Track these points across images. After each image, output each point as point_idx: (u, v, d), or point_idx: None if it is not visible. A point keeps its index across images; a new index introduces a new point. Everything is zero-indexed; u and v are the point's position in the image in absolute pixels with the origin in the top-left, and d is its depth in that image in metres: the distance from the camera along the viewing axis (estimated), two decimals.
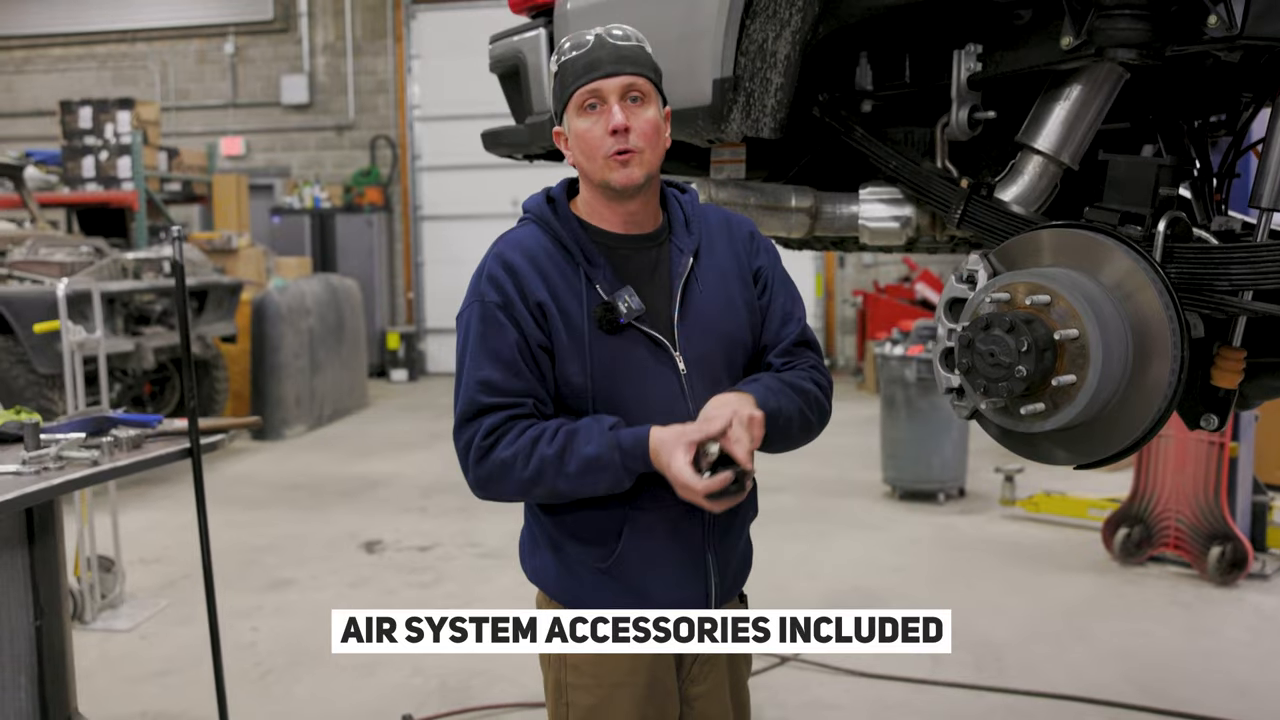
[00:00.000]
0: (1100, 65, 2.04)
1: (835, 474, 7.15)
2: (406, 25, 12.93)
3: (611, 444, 1.70)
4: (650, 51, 1.81)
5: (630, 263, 1.83)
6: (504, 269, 1.78)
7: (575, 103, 1.76)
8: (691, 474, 1.64)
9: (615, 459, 1.69)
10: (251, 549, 5.67)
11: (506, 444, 1.73)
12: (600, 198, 1.81)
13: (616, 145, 1.73)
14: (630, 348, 1.78)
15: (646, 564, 1.83)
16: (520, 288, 1.76)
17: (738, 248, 1.91)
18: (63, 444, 2.70)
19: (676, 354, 1.81)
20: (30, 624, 2.82)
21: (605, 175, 1.76)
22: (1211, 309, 1.88)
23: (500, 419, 1.74)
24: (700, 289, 1.85)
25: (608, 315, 1.76)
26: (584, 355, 1.76)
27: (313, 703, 3.83)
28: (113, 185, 9.24)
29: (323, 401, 9.39)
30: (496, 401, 1.74)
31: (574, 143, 1.78)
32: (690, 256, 1.85)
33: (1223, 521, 4.84)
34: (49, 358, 6.27)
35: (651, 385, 1.79)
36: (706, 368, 1.83)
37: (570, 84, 1.76)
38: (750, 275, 1.91)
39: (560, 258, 1.80)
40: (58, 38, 13.80)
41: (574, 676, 1.87)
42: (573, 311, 1.77)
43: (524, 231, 1.84)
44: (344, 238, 12.62)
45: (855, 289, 11.98)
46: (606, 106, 1.74)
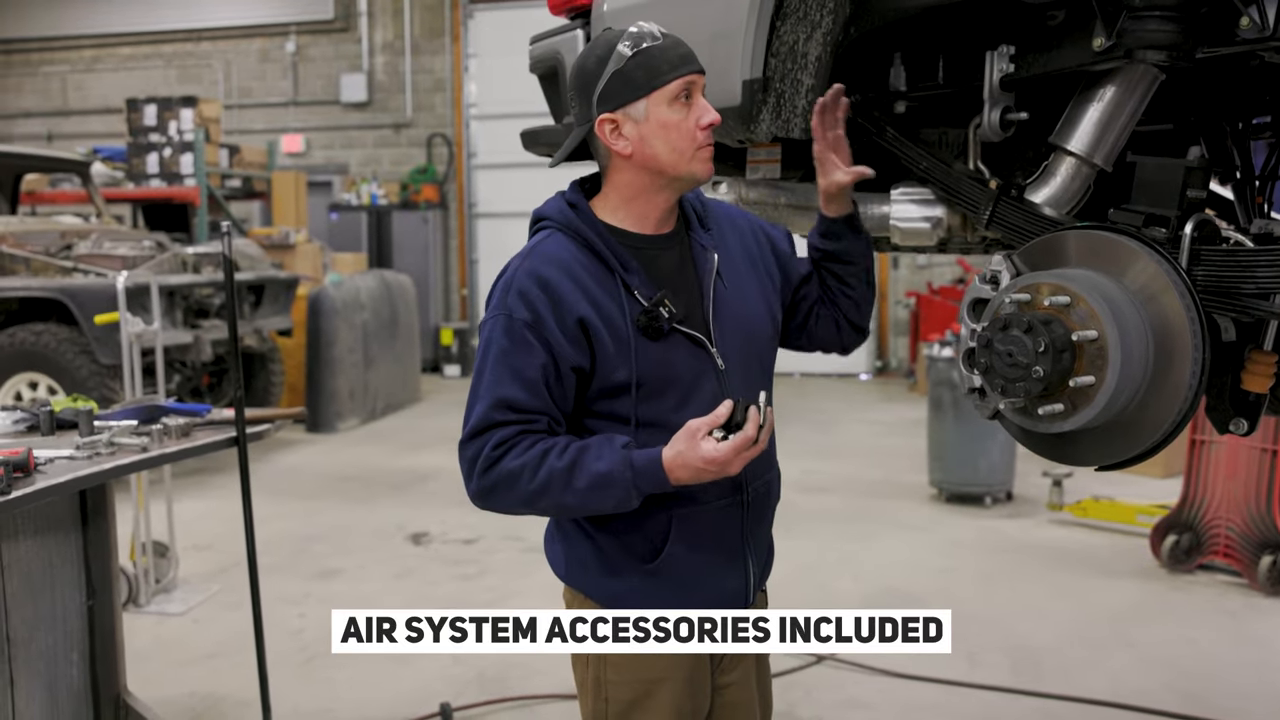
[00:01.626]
0: (1134, 67, 2.03)
1: (882, 475, 7.12)
2: (464, 24, 13.08)
3: (624, 462, 1.70)
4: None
5: (659, 263, 1.85)
6: (538, 285, 1.75)
7: (668, 93, 1.76)
8: (732, 440, 1.65)
9: (627, 477, 1.69)
10: (302, 538, 5.79)
11: (515, 455, 1.73)
12: (646, 195, 1.83)
13: (707, 139, 1.77)
14: (673, 350, 1.80)
15: (692, 562, 1.86)
16: (556, 305, 1.74)
17: (747, 241, 1.97)
18: (114, 430, 2.80)
19: (714, 351, 1.84)
20: (82, 603, 2.93)
21: (691, 168, 1.79)
22: (1240, 313, 1.86)
23: (512, 432, 1.74)
24: (725, 286, 1.88)
25: (653, 323, 1.77)
26: (630, 361, 1.77)
27: (354, 687, 3.91)
28: (175, 181, 9.46)
29: (375, 395, 9.53)
30: (511, 418, 1.74)
31: (655, 133, 1.77)
32: (715, 253, 1.88)
33: (1274, 530, 4.75)
34: (110, 349, 6.44)
35: (694, 385, 1.81)
36: (741, 362, 1.87)
37: (666, 72, 1.75)
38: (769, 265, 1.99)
39: (595, 266, 1.79)
40: (127, 37, 14.15)
41: (614, 673, 1.89)
42: (616, 320, 1.77)
43: (553, 242, 1.82)
44: (400, 234, 12.79)
45: (909, 290, 11.89)
46: (695, 100, 1.78)
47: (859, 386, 11.72)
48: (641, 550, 1.84)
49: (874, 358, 12.33)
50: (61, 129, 14.23)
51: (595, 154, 1.87)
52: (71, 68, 14.44)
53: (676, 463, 1.68)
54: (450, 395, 11.06)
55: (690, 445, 1.67)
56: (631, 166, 1.81)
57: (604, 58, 1.79)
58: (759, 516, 1.93)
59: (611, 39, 1.81)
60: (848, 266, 2.04)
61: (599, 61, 1.80)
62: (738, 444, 1.66)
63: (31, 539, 2.77)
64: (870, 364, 12.30)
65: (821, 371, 12.16)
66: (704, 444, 1.66)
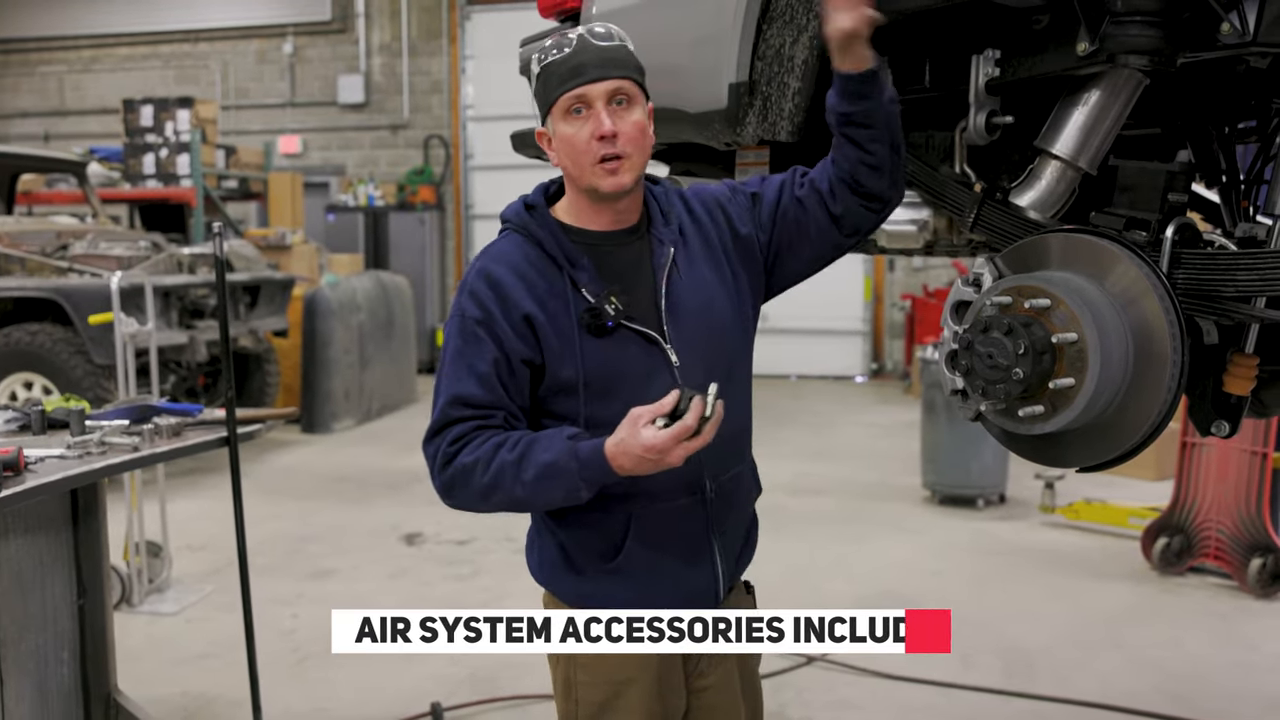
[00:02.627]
0: (1118, 71, 2.04)
1: (876, 478, 7.13)
2: (461, 26, 13.09)
3: (570, 452, 1.69)
4: (633, 49, 1.81)
5: (614, 259, 1.84)
6: (487, 283, 1.79)
7: (560, 107, 1.75)
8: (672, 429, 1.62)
9: (572, 467, 1.69)
10: (296, 538, 5.80)
11: (470, 450, 1.75)
12: (586, 201, 1.83)
13: (604, 151, 1.74)
14: (621, 346, 1.80)
15: (652, 560, 1.85)
16: (503, 302, 1.77)
17: (706, 227, 1.91)
18: (106, 430, 2.81)
19: (668, 346, 1.82)
20: (73, 602, 2.94)
21: (594, 182, 1.77)
22: (1220, 315, 1.88)
23: (469, 428, 1.76)
24: (682, 278, 1.85)
25: (595, 320, 1.77)
26: (576, 358, 1.78)
27: (347, 688, 3.92)
28: (172, 182, 9.46)
29: (371, 396, 9.54)
30: (467, 414, 1.76)
31: (560, 147, 1.78)
32: (671, 247, 1.86)
33: (1264, 533, 4.77)
34: (105, 349, 6.44)
35: (645, 381, 1.79)
36: (699, 356, 1.84)
37: (555, 88, 1.75)
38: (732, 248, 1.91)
39: (544, 264, 1.81)
40: (124, 37, 14.16)
41: (583, 674, 1.89)
42: (560, 317, 1.78)
43: (506, 243, 1.85)
44: (396, 235, 12.80)
45: (904, 293, 11.91)
46: (593, 111, 1.74)
47: (854, 389, 11.73)
48: (602, 549, 1.85)
49: (869, 360, 12.35)
50: (58, 129, 14.23)
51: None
52: (69, 68, 14.44)
53: (619, 450, 1.66)
54: None
55: (631, 432, 1.65)
56: (565, 177, 1.85)
57: (534, 69, 1.82)
58: (725, 512, 1.91)
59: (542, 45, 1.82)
60: (865, 130, 1.87)
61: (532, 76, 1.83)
62: (676, 433, 1.62)
63: (22, 538, 2.78)
64: (866, 366, 12.32)
65: (817, 373, 12.18)
66: (644, 431, 1.63)
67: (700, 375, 1.80)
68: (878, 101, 1.86)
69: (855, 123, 1.87)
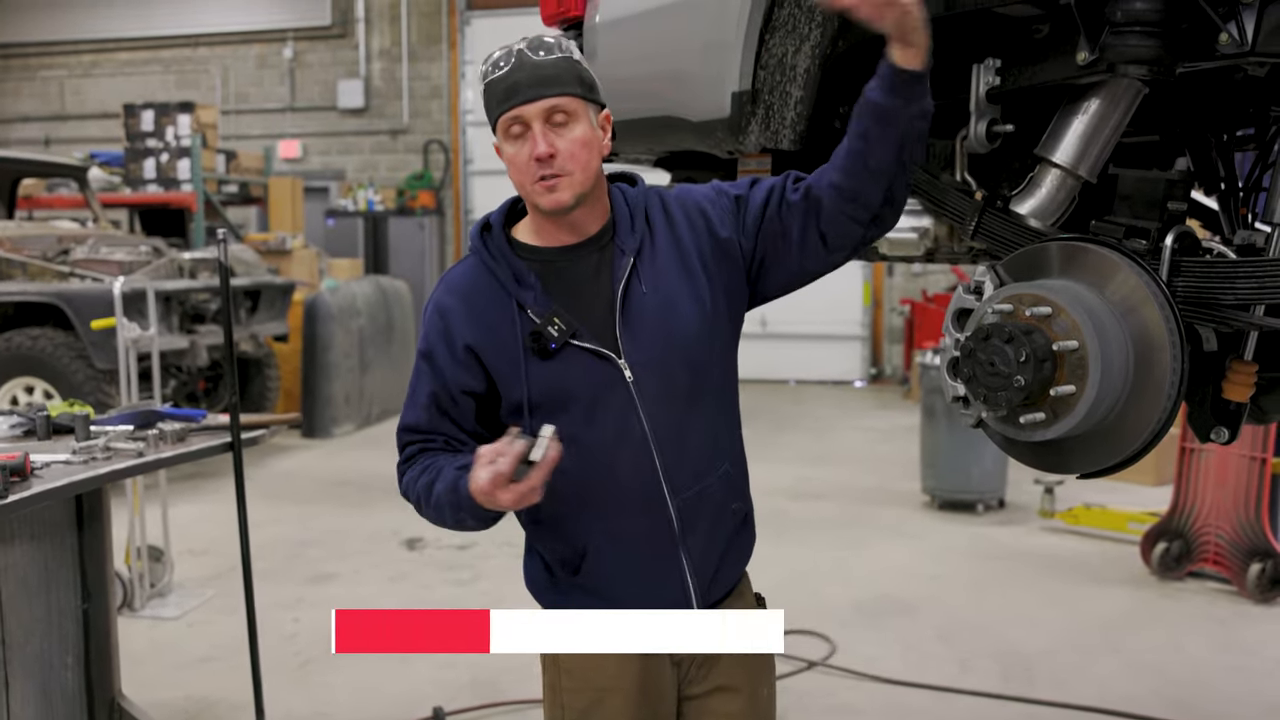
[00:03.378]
0: (1118, 80, 2.06)
1: (876, 483, 7.15)
2: (461, 31, 13.13)
3: (453, 485, 1.72)
4: (577, 59, 1.77)
5: (569, 274, 1.81)
6: (437, 313, 1.84)
7: (500, 128, 1.75)
8: (480, 480, 1.61)
9: (452, 498, 1.72)
10: (297, 543, 5.81)
11: (409, 471, 1.86)
12: (539, 214, 1.81)
13: (541, 171, 1.71)
14: (568, 367, 1.77)
15: (616, 571, 1.84)
16: (447, 333, 1.82)
17: (681, 232, 1.84)
18: (110, 435, 2.82)
19: (622, 362, 1.77)
20: (78, 607, 2.95)
21: (536, 200, 1.76)
22: (1219, 323, 1.90)
23: (413, 450, 1.87)
24: (643, 289, 1.79)
25: (537, 343, 1.76)
26: (521, 382, 1.78)
27: (348, 692, 3.93)
28: (172, 186, 9.48)
29: (371, 401, 9.55)
30: (412, 438, 1.88)
31: (507, 164, 1.77)
32: (631, 256, 1.80)
33: (1263, 538, 4.78)
34: (107, 354, 6.46)
35: (597, 399, 1.78)
36: (658, 371, 1.79)
37: (494, 109, 1.74)
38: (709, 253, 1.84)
39: (492, 288, 1.81)
40: (124, 42, 14.19)
41: (566, 680, 1.90)
42: (507, 341, 1.79)
43: (461, 268, 1.88)
44: (396, 240, 12.82)
45: (903, 298, 11.93)
46: (530, 131, 1.72)
47: (854, 393, 11.75)
48: (568, 561, 1.87)
49: (868, 365, 12.37)
50: (58, 134, 14.26)
51: None
52: (69, 72, 14.47)
53: (474, 491, 1.65)
54: None
55: (473, 472, 1.64)
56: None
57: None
58: (693, 525, 1.84)
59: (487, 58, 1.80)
60: (883, 129, 1.77)
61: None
62: (491, 477, 1.59)
63: (27, 543, 2.79)
64: (865, 371, 12.34)
65: (816, 378, 12.20)
66: (479, 472, 1.62)
67: (660, 387, 1.79)
68: (915, 105, 1.78)
69: (880, 118, 1.76)
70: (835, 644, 4.28)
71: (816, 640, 4.32)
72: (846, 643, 4.30)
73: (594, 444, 1.77)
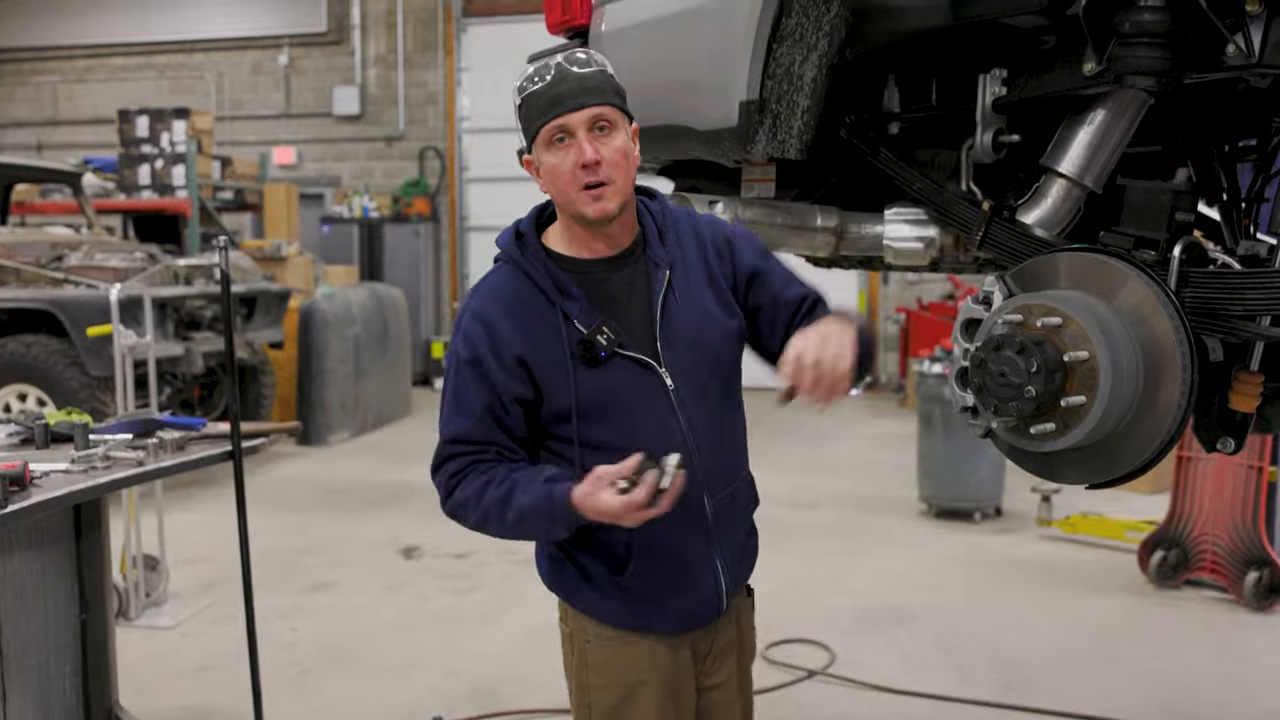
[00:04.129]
0: (1123, 91, 2.07)
1: (872, 491, 7.14)
2: (457, 38, 13.12)
3: (545, 496, 1.76)
4: (612, 72, 1.83)
5: (608, 285, 1.87)
6: (480, 324, 1.84)
7: (543, 137, 1.78)
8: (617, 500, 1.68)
9: (546, 510, 1.76)
10: (293, 551, 5.78)
11: (464, 486, 1.84)
12: (576, 225, 1.85)
13: (587, 179, 1.76)
14: (615, 374, 1.83)
15: (659, 574, 1.90)
16: (494, 343, 1.82)
17: (709, 256, 1.93)
18: (110, 444, 2.81)
19: (663, 370, 1.86)
20: (76, 617, 2.93)
21: (580, 209, 1.79)
22: (1227, 333, 1.90)
23: (464, 464, 1.85)
24: (678, 301, 1.88)
25: (588, 351, 1.81)
26: (570, 390, 1.82)
27: (346, 702, 3.91)
28: (167, 193, 9.46)
29: (367, 408, 9.53)
30: (462, 450, 1.85)
31: (545, 176, 1.81)
32: (667, 270, 1.88)
33: (1260, 546, 4.79)
34: (101, 361, 6.43)
35: (640, 406, 1.84)
36: (693, 379, 1.87)
37: (537, 118, 1.78)
38: (727, 278, 1.94)
39: (536, 298, 1.84)
40: (119, 47, 14.15)
41: (594, 677, 1.95)
42: (553, 350, 1.82)
43: (498, 278, 1.89)
44: (391, 247, 12.80)
45: (899, 306, 11.95)
46: (574, 140, 1.76)
47: (848, 401, 11.74)
48: (610, 565, 1.90)
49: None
50: (51, 139, 14.22)
51: None
52: (63, 78, 14.43)
53: (584, 505, 1.73)
54: None
55: (592, 493, 1.71)
56: (554, 203, 1.88)
57: (515, 100, 1.85)
58: (725, 526, 1.95)
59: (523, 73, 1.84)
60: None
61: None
62: (626, 503, 1.68)
63: (25, 552, 2.77)
64: (860, 379, 12.33)
65: None
66: (603, 495, 1.70)
67: (694, 395, 1.87)
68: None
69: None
70: (835, 653, 4.27)
71: (816, 649, 4.31)
72: (846, 651, 4.29)
73: (633, 448, 1.78)
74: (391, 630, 4.63)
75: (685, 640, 1.97)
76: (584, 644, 1.95)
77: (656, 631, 1.93)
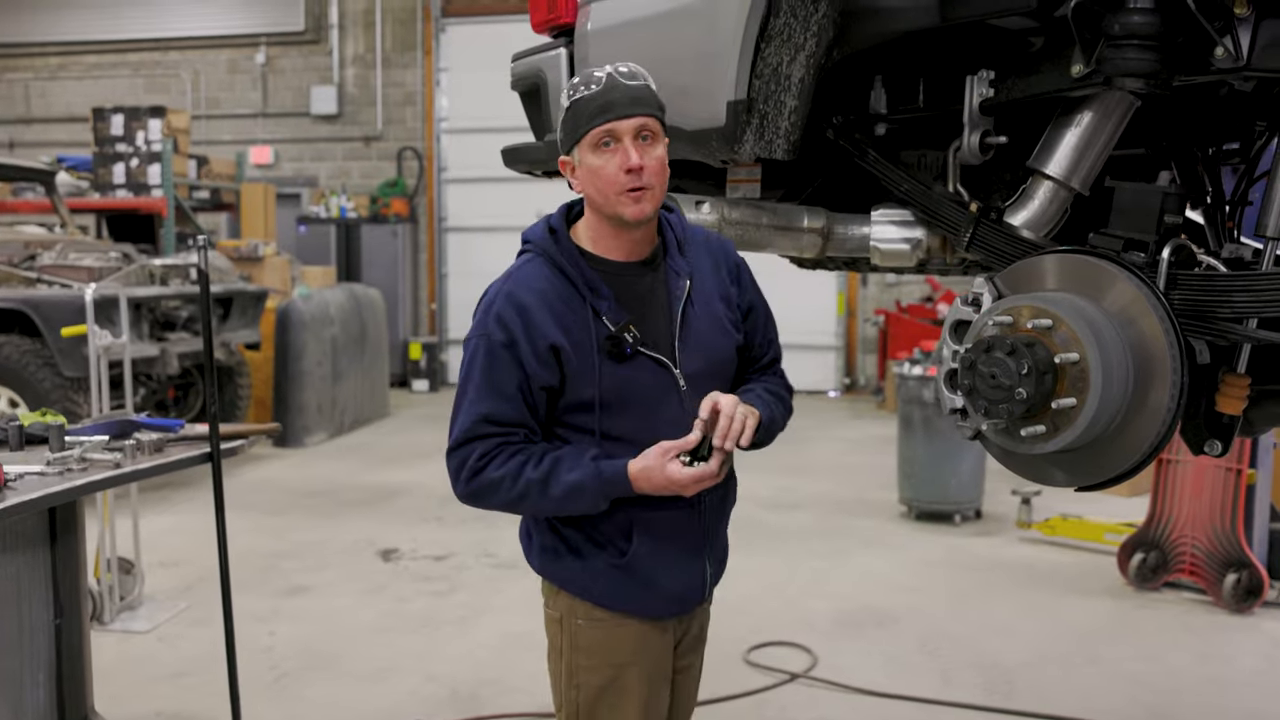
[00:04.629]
0: (1111, 93, 2.07)
1: (852, 493, 7.15)
2: (436, 38, 13.06)
3: (595, 473, 1.90)
4: (655, 89, 1.93)
5: (632, 288, 1.98)
6: (515, 310, 1.92)
7: (590, 140, 1.88)
8: (696, 470, 1.87)
9: (596, 486, 1.89)
10: (270, 554, 5.72)
11: (497, 465, 1.92)
12: (608, 227, 1.96)
13: (631, 183, 1.87)
14: (637, 371, 1.95)
15: (655, 558, 2.01)
16: (529, 330, 1.91)
17: (722, 273, 2.08)
18: (86, 446, 2.76)
19: (677, 372, 1.98)
20: (50, 622, 2.88)
21: (619, 210, 1.90)
22: (1215, 336, 1.89)
23: (493, 445, 1.93)
24: (695, 310, 2.01)
25: (616, 347, 1.92)
26: (595, 382, 1.92)
27: (326, 707, 3.87)
28: (142, 192, 9.36)
29: (344, 410, 9.46)
30: (492, 430, 1.93)
31: (587, 177, 1.91)
32: (686, 280, 2.01)
33: (1239, 548, 4.81)
34: (75, 361, 6.35)
35: (656, 403, 1.96)
36: (702, 383, 1.99)
37: (585, 123, 1.88)
38: (734, 299, 2.08)
39: (568, 292, 1.94)
40: (92, 45, 14.00)
41: (584, 659, 2.03)
42: (583, 343, 1.92)
43: (531, 268, 1.97)
44: (369, 248, 12.73)
45: (877, 308, 11.97)
46: (620, 145, 1.87)
47: (827, 403, 11.77)
48: (608, 545, 2.00)
49: (842, 375, 12.40)
50: (24, 137, 14.06)
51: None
52: (35, 75, 14.27)
53: (641, 475, 1.88)
54: (419, 410, 11.00)
55: (659, 463, 1.87)
56: (588, 203, 1.98)
57: (563, 103, 1.95)
58: (717, 519, 2.10)
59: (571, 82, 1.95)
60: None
61: (559, 106, 1.97)
62: (699, 474, 1.87)
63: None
64: (838, 381, 12.36)
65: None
66: (670, 465, 1.87)
67: (701, 396, 1.96)
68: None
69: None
70: (816, 656, 4.26)
71: (798, 652, 4.30)
72: (828, 654, 4.28)
73: (647, 440, 1.91)
74: (370, 633, 4.59)
75: (670, 625, 2.08)
76: (574, 626, 2.03)
77: (647, 615, 2.03)
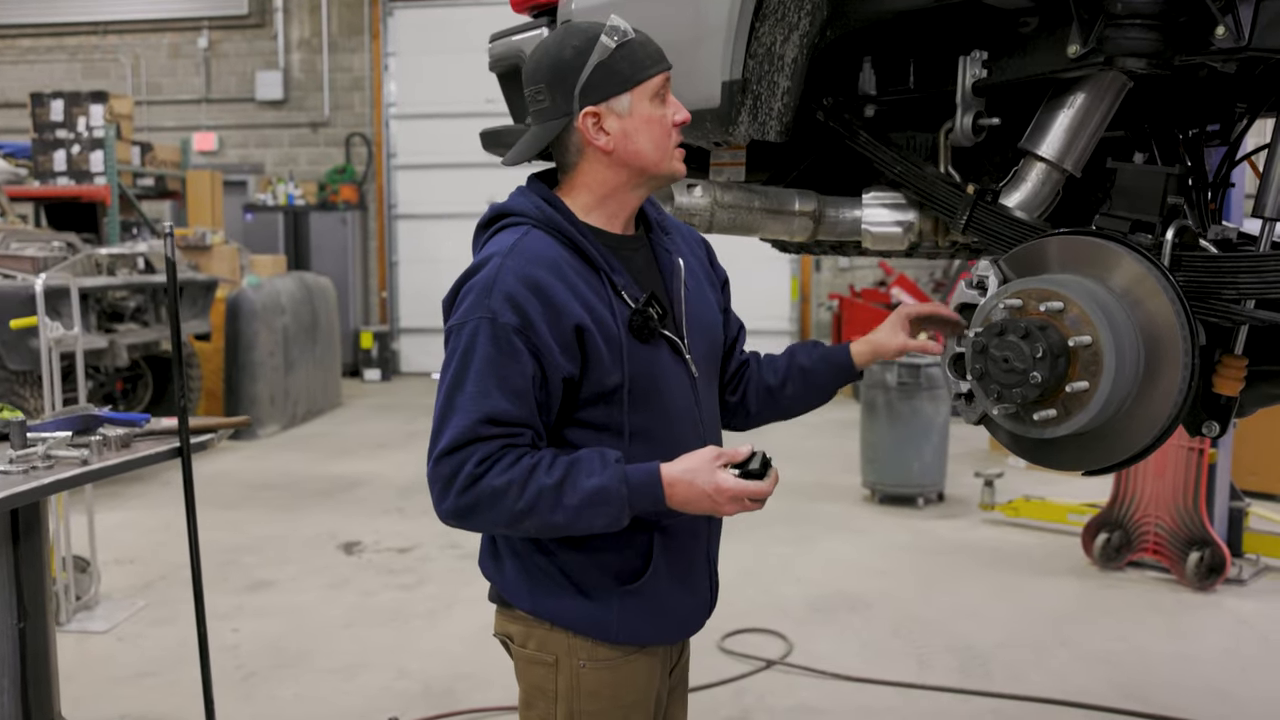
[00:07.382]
0: (1104, 74, 2.05)
1: (815, 478, 7.15)
2: (384, 22, 12.84)
3: (620, 477, 1.61)
4: None
5: (632, 263, 1.79)
6: (528, 287, 1.63)
7: (650, 87, 1.71)
8: (750, 483, 1.63)
9: (623, 493, 1.60)
10: (230, 549, 5.60)
11: (499, 471, 1.61)
12: (626, 190, 1.76)
13: (679, 138, 1.76)
14: (659, 353, 1.75)
15: (671, 577, 1.80)
16: (550, 310, 1.63)
17: (700, 252, 1.97)
18: (50, 443, 2.65)
19: (688, 355, 1.81)
20: (14, 626, 2.77)
21: (672, 165, 1.75)
22: (1218, 317, 1.89)
23: (496, 447, 1.62)
24: (691, 291, 1.85)
25: (647, 323, 1.71)
26: (622, 364, 1.69)
27: (297, 704, 3.79)
28: (85, 179, 9.09)
29: (297, 401, 9.30)
30: (494, 432, 1.62)
31: (638, 128, 1.70)
32: (679, 257, 1.85)
33: (1201, 527, 4.88)
34: (22, 354, 6.17)
35: (674, 390, 1.78)
36: (707, 365, 1.86)
37: (648, 66, 1.70)
38: (713, 278, 1.98)
39: (582, 266, 1.70)
40: (27, 28, 13.58)
41: (589, 705, 1.77)
42: (608, 323, 1.68)
43: (536, 240, 1.70)
44: (318, 236, 12.52)
45: (831, 293, 12.01)
46: (668, 98, 1.74)
47: None
48: (620, 570, 1.75)
49: None
50: None
51: (560, 150, 1.76)
52: None
53: (683, 479, 1.62)
54: (371, 400, 10.85)
55: (707, 469, 1.62)
56: (611, 163, 1.72)
57: (583, 49, 1.69)
58: (717, 532, 1.93)
59: (589, 30, 1.72)
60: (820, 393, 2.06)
61: (578, 53, 1.69)
62: (751, 490, 1.63)
63: None
64: None
65: None
66: (721, 474, 1.62)
67: (706, 386, 1.86)
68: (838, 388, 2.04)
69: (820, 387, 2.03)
70: (791, 642, 4.25)
71: (772, 638, 4.29)
72: (802, 641, 4.27)
73: (666, 436, 1.73)
74: (338, 629, 4.50)
75: (671, 651, 1.90)
76: (577, 670, 1.76)
77: (657, 644, 1.82)
